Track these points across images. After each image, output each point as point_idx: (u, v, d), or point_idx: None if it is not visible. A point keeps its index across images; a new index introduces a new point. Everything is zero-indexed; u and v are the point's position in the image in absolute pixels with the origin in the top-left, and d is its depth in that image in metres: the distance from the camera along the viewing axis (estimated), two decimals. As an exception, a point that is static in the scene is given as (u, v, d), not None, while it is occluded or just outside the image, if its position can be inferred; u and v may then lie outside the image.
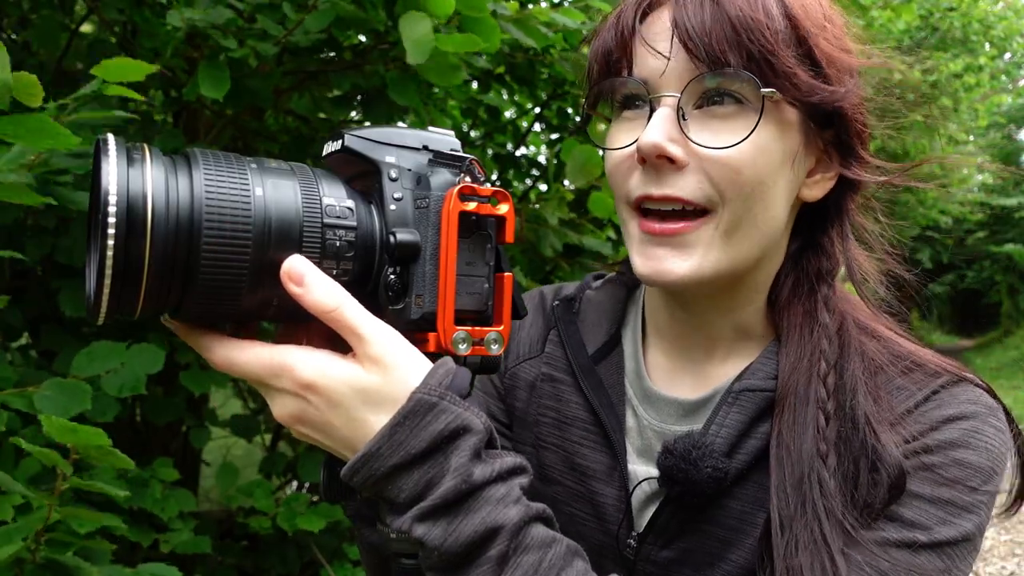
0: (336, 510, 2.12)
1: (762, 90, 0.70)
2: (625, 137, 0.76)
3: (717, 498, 0.77)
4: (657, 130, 0.71)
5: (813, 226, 0.83)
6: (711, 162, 0.71)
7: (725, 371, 0.83)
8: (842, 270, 0.84)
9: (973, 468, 0.71)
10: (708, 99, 0.72)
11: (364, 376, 0.60)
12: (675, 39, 0.71)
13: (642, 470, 0.83)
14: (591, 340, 0.89)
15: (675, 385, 0.85)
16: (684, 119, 0.72)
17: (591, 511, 0.84)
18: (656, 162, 0.72)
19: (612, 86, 0.78)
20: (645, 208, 0.75)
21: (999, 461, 0.73)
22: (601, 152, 0.84)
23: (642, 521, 0.81)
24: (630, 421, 0.85)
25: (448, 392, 0.60)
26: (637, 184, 0.75)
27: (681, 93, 0.72)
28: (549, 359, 0.91)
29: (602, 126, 0.85)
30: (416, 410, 0.59)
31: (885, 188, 0.84)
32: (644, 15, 0.75)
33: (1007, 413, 0.76)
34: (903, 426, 0.73)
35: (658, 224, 0.73)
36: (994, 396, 0.78)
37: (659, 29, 0.74)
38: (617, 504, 0.82)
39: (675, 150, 0.71)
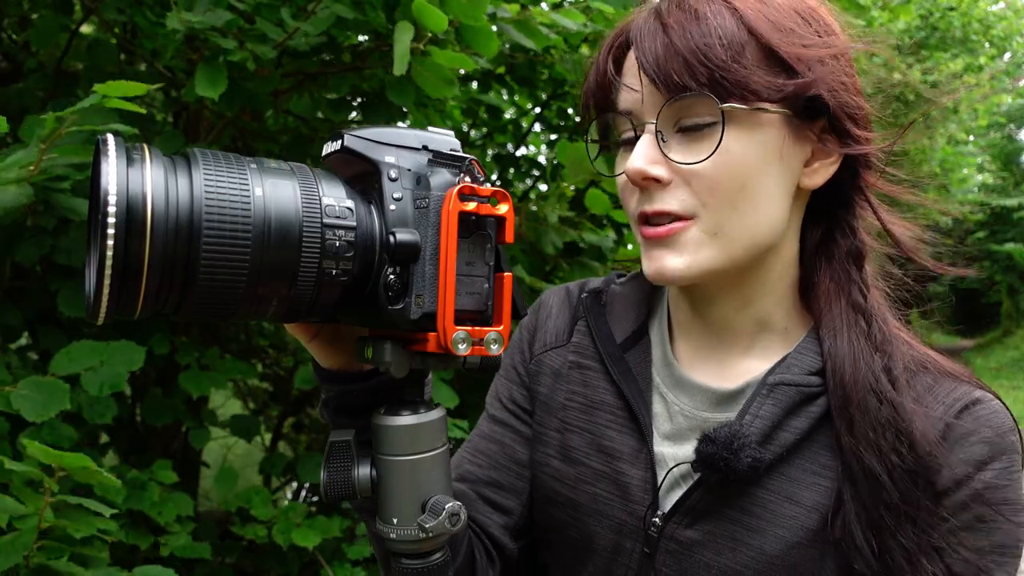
0: (332, 524, 2.16)
1: (720, 105, 0.75)
2: (622, 164, 0.84)
3: (746, 485, 0.79)
4: (639, 156, 0.78)
5: (837, 210, 0.86)
6: (692, 176, 0.77)
7: (751, 363, 0.86)
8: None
9: (1014, 505, 0.77)
10: (684, 121, 0.78)
11: None
12: (641, 74, 0.79)
13: (669, 452, 0.85)
14: (619, 330, 0.94)
15: (703, 373, 0.88)
16: (664, 141, 0.78)
17: (615, 491, 0.87)
18: (643, 183, 0.79)
19: (606, 121, 0.88)
20: (647, 221, 0.82)
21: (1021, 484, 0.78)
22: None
23: (668, 502, 0.84)
24: (657, 407, 0.89)
25: None
26: (637, 203, 0.82)
27: (656, 119, 0.78)
28: (577, 348, 0.96)
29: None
30: None
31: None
32: (619, 55, 0.84)
33: (1015, 421, 0.80)
34: (940, 452, 0.77)
35: (652, 229, 0.80)
36: (1006, 407, 0.81)
37: (632, 65, 0.82)
38: (642, 485, 0.85)
39: (657, 171, 0.78)
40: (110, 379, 1.43)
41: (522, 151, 3.27)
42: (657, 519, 0.83)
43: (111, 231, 0.52)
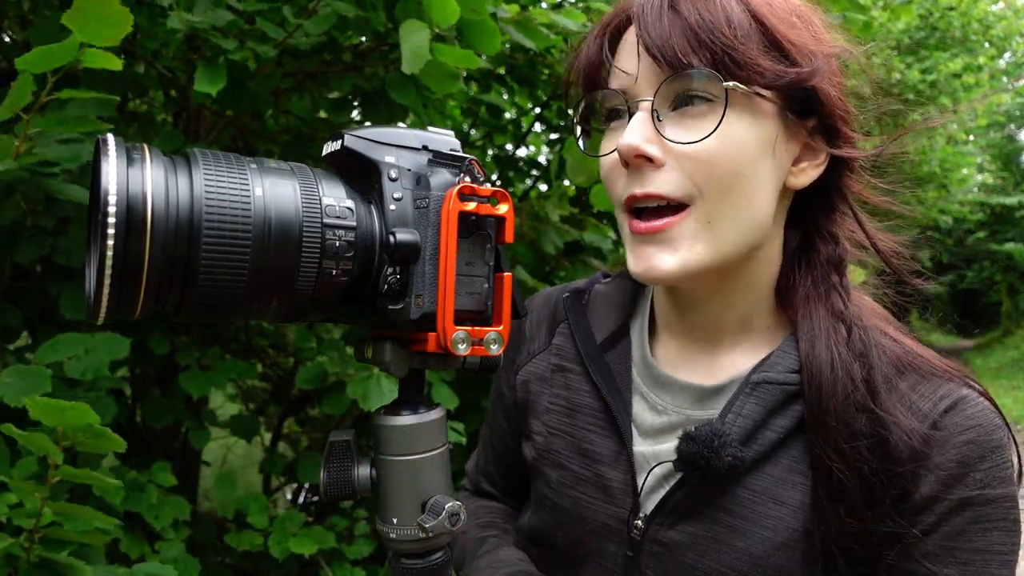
0: (328, 535, 2.16)
1: (724, 84, 0.74)
2: (611, 144, 0.82)
3: (728, 485, 0.78)
4: (633, 132, 0.76)
5: (818, 215, 0.85)
6: (686, 157, 0.75)
7: (735, 360, 0.85)
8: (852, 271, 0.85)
9: (1006, 503, 0.75)
10: (681, 100, 0.77)
11: None
12: (640, 50, 0.77)
13: (650, 452, 0.85)
14: (599, 330, 0.93)
15: (685, 371, 0.87)
16: (659, 120, 0.76)
17: (598, 494, 0.86)
18: (636, 162, 0.76)
19: (595, 99, 0.84)
20: (635, 208, 0.79)
21: (1015, 477, 0.77)
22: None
23: (650, 503, 0.83)
24: (637, 407, 0.88)
25: None
26: (625, 186, 0.79)
27: (653, 96, 0.76)
28: (559, 350, 0.96)
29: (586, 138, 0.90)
30: None
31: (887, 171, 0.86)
32: (615, 35, 0.82)
33: (1003, 418, 0.79)
34: (922, 458, 0.75)
35: (644, 223, 0.78)
36: (992, 403, 0.79)
37: (629, 44, 0.80)
38: (623, 487, 0.85)
39: (651, 149, 0.76)
40: (93, 366, 1.43)
41: (522, 151, 3.27)
42: (639, 521, 0.83)
43: (111, 231, 0.52)
